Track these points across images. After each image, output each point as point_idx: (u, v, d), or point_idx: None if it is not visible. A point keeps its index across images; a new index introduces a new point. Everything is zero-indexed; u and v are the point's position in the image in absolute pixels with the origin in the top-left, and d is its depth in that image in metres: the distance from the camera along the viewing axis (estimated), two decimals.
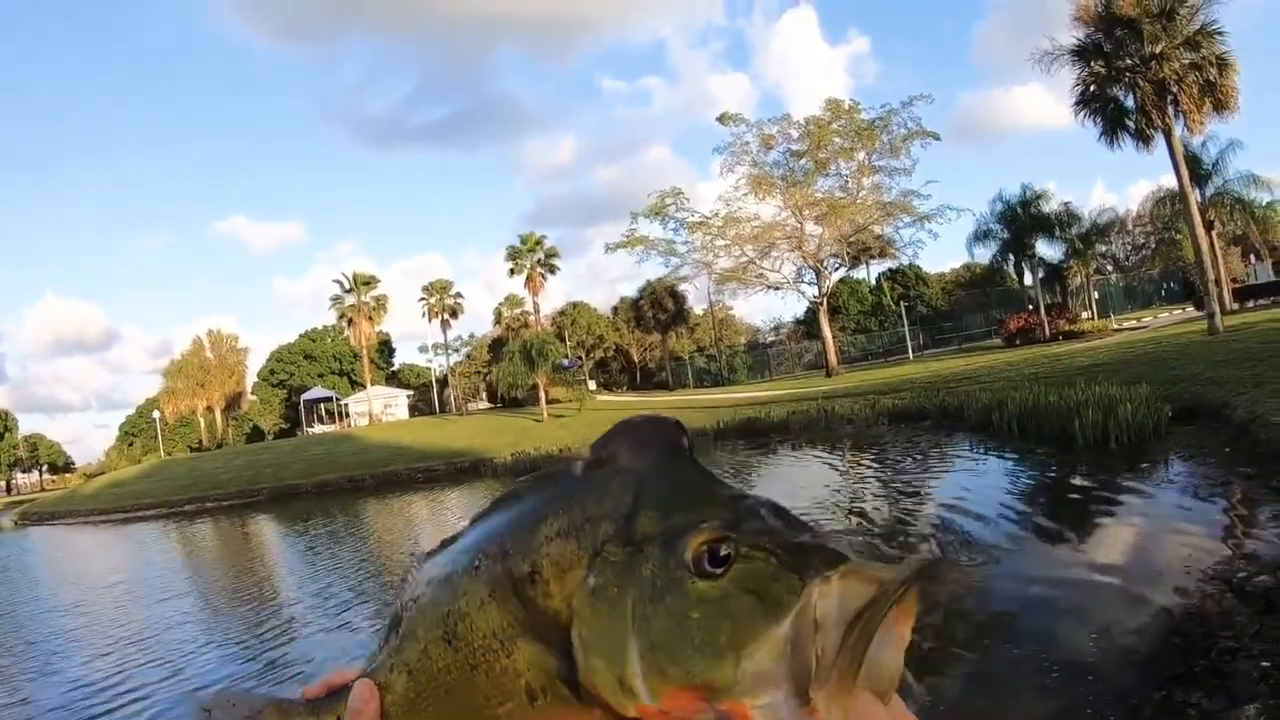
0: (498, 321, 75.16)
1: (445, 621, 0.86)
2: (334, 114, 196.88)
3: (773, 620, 0.69)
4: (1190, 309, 46.35)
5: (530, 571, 0.81)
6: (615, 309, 77.92)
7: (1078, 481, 14.88)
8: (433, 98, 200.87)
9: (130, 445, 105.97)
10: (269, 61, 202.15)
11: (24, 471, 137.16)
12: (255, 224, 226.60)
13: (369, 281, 74.58)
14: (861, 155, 49.97)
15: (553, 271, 70.86)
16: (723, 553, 0.71)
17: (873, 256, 53.92)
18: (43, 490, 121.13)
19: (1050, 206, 47.77)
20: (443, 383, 73.73)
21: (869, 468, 19.43)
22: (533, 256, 69.72)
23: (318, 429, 74.32)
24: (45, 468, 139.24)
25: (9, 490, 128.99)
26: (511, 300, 74.56)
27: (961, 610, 8.65)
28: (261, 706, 0.94)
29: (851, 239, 50.45)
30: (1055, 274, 51.55)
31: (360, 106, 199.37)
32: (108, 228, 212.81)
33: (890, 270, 71.08)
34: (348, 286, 74.42)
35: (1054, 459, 16.80)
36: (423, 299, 73.07)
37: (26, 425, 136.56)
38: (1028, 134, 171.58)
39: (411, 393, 77.94)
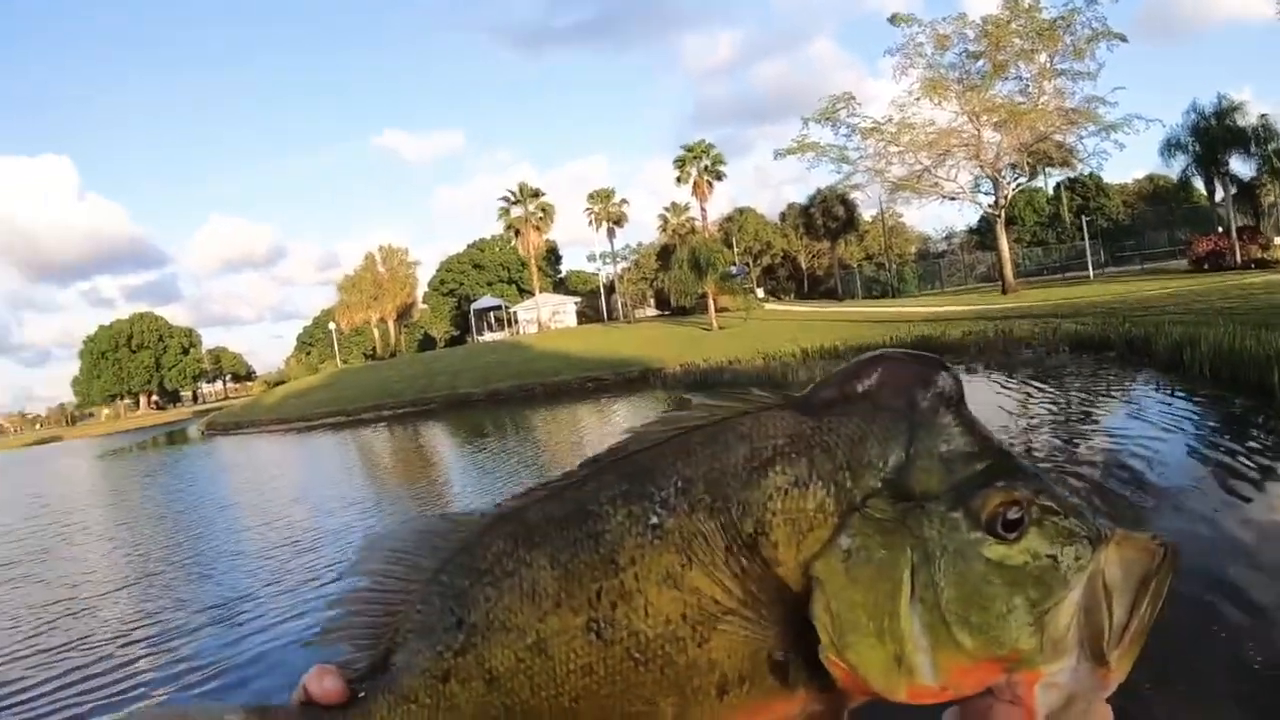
0: (663, 228, 76.95)
1: (592, 605, 0.72)
2: (480, 18, 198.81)
3: (1068, 586, 0.69)
4: None
5: (753, 532, 0.71)
6: (783, 215, 78.18)
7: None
8: None
9: (307, 354, 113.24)
10: None
11: (209, 382, 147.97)
12: (412, 136, 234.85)
13: (536, 193, 77.56)
14: (1043, 57, 48.43)
15: (719, 178, 72.61)
16: (1016, 515, 0.70)
17: (1052, 164, 52.43)
18: (227, 398, 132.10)
19: (1247, 119, 45.63)
20: (610, 289, 76.23)
21: (1049, 403, 18.79)
22: (699, 163, 71.39)
23: (488, 336, 78.08)
24: (229, 377, 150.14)
25: (195, 399, 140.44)
26: (677, 207, 76.38)
27: None
28: (235, 718, 0.76)
29: (1032, 148, 49.12)
30: (1248, 193, 48.94)
31: (506, 8, 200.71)
32: (267, 148, 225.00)
33: (1069, 179, 68.61)
34: (515, 198, 77.51)
35: (1253, 414, 15.04)
36: (588, 208, 75.82)
37: (208, 339, 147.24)
38: (1223, 27, 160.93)
39: (579, 299, 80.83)
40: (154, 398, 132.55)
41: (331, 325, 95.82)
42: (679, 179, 71.76)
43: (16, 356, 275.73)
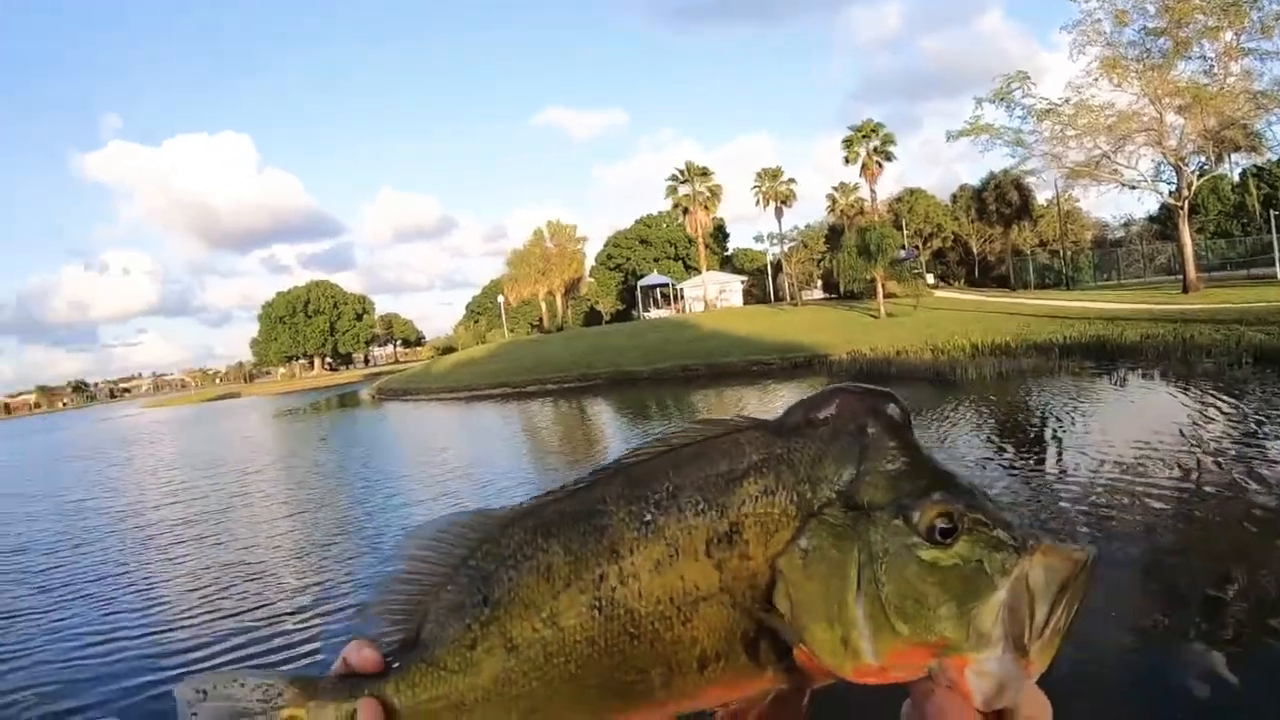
0: (832, 208, 77.11)
1: (597, 586, 0.86)
2: None
3: (994, 587, 0.80)
4: None
5: (729, 530, 0.85)
6: (954, 197, 77.20)
7: None
8: None
9: (475, 322, 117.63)
10: None
11: (380, 346, 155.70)
12: (576, 112, 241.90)
13: (704, 172, 78.99)
14: (1228, 35, 45.49)
15: (889, 159, 72.56)
16: (949, 525, 0.82)
17: (1239, 150, 49.30)
18: (397, 362, 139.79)
19: None
20: (777, 269, 76.45)
21: (1229, 422, 17.69)
22: (868, 144, 71.62)
23: (653, 313, 79.78)
24: (399, 342, 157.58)
25: (367, 362, 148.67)
26: (845, 187, 76.54)
27: None
28: (280, 687, 0.92)
29: (1218, 134, 46.35)
30: None
31: None
32: (436, 124, 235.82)
33: (1256, 167, 64.55)
34: (683, 177, 79.10)
35: None
36: (755, 186, 76.90)
37: (381, 305, 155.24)
38: None
39: (745, 278, 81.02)
40: (327, 360, 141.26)
41: (500, 297, 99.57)
42: (847, 159, 72.03)
43: (199, 317, 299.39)
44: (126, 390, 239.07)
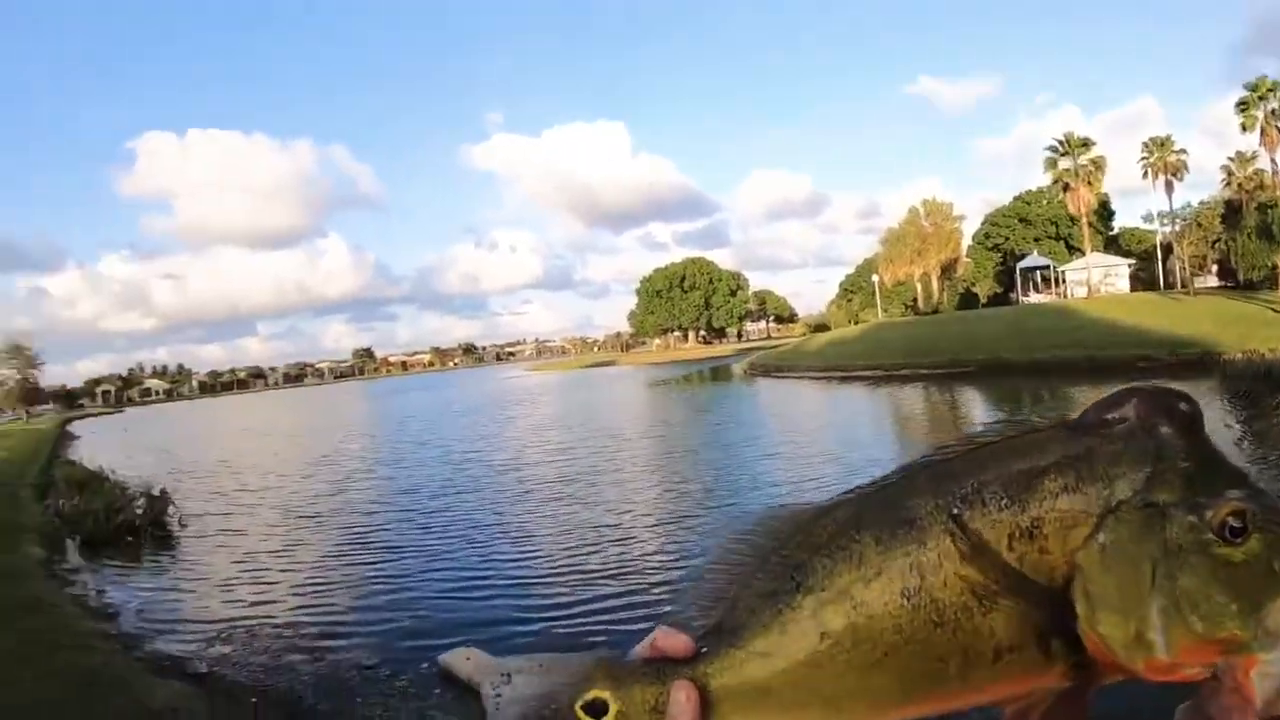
0: (1227, 182, 70.75)
1: (906, 575, 0.87)
2: None
3: None
4: None
5: (1030, 525, 0.86)
6: None
7: None
8: None
9: (849, 300, 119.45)
10: None
11: (753, 321, 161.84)
12: (947, 82, 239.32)
13: (1085, 144, 75.86)
14: None
15: None
16: (1241, 524, 0.80)
17: None
18: (769, 338, 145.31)
19: None
20: (1167, 250, 71.84)
21: None
22: (1265, 105, 65.59)
23: (1033, 297, 78.52)
24: (771, 318, 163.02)
25: (740, 337, 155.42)
26: (1242, 158, 70.01)
27: None
28: (586, 669, 0.92)
29: None
30: None
31: None
32: (803, 101, 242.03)
33: None
34: (1062, 149, 76.35)
35: None
36: (1143, 158, 72.83)
37: (754, 281, 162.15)
38: None
39: (1133, 262, 77.01)
40: (701, 333, 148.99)
41: (874, 277, 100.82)
42: (1243, 125, 66.18)
43: (579, 290, 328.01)
44: (511, 354, 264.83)
